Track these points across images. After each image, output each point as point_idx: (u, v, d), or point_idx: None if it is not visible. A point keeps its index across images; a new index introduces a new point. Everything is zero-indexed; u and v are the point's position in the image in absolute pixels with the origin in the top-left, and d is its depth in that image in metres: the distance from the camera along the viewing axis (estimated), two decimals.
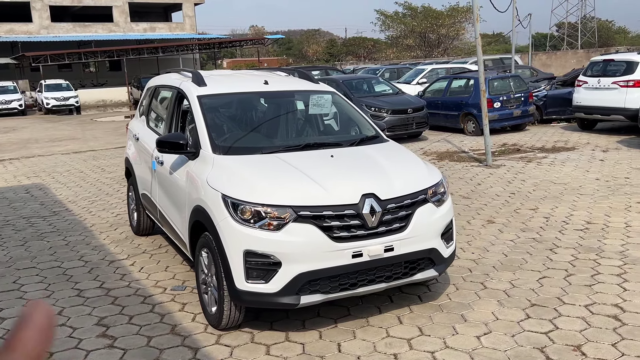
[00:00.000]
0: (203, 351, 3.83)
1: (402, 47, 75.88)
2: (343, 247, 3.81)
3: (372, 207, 3.90)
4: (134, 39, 43.54)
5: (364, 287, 3.98)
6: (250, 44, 43.28)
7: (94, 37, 42.68)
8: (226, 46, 43.54)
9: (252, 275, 3.75)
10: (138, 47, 37.41)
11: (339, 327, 4.16)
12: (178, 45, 38.31)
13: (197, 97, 4.90)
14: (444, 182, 4.52)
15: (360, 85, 15.02)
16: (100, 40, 42.10)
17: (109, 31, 45.18)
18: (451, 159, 11.29)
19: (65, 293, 4.91)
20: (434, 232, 4.21)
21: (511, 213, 7.10)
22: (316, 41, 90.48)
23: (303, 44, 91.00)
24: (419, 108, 13.79)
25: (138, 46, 38.36)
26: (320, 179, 3.97)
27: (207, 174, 4.17)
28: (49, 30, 43.74)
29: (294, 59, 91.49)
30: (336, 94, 5.52)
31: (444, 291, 4.77)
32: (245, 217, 3.76)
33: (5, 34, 42.28)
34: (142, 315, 4.43)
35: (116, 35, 43.65)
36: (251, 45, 43.39)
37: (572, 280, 4.89)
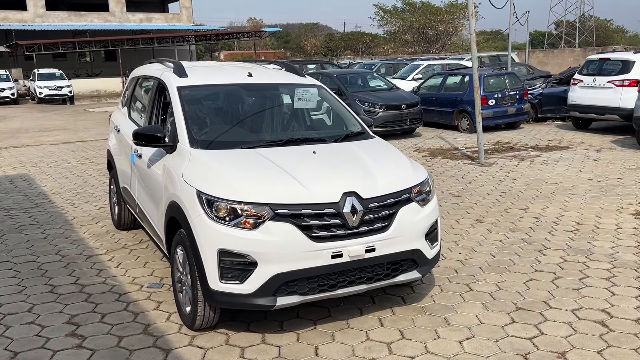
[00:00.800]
0: (175, 353, 3.69)
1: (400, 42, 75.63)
2: (322, 247, 3.67)
3: (353, 206, 3.76)
4: (130, 29, 43.19)
5: (344, 288, 3.84)
6: (247, 37, 43.00)
7: (90, 26, 42.30)
8: (222, 38, 43.24)
9: (226, 275, 3.61)
10: (133, 38, 37.10)
11: (318, 329, 4.02)
12: (174, 36, 38.01)
13: (176, 88, 4.74)
14: (430, 181, 4.38)
15: (354, 80, 14.86)
16: (95, 29, 41.73)
17: (105, 21, 44.79)
18: (444, 156, 11.15)
19: (38, 289, 4.76)
20: (418, 232, 4.07)
21: (501, 213, 6.97)
22: (314, 35, 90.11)
23: (301, 37, 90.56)
24: (413, 104, 13.65)
25: (133, 36, 38.05)
26: (300, 176, 3.82)
27: (183, 169, 4.02)
28: (43, 18, 43.32)
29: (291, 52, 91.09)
30: (322, 87, 5.37)
31: (429, 293, 4.64)
32: (220, 214, 3.61)
33: (0, 22, 41.85)
34: (115, 313, 4.28)
35: (112, 25, 43.28)
36: (248, 37, 43.11)
37: (559, 283, 4.77)
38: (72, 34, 42.06)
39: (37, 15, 43.21)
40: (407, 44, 71.19)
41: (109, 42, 35.02)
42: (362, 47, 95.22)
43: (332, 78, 14.31)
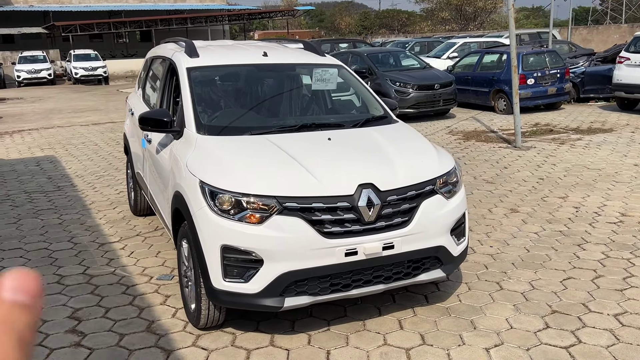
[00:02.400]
0: (176, 354, 3.45)
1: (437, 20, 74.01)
2: (335, 243, 3.35)
3: (369, 199, 3.42)
4: (164, 9, 43.25)
5: (359, 288, 3.53)
6: (279, 16, 42.50)
7: (125, 7, 42.50)
8: (255, 17, 42.84)
9: (230, 273, 3.33)
10: (167, 18, 37.07)
11: (332, 331, 3.72)
12: (207, 16, 37.82)
13: (186, 69, 4.44)
14: (457, 171, 4.00)
15: (386, 59, 14.35)
16: (130, 10, 41.94)
17: (140, 1, 44.91)
18: (478, 139, 10.64)
19: (45, 279, 4.58)
20: (443, 227, 3.71)
21: (538, 201, 6.51)
22: (349, 13, 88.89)
23: (335, 16, 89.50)
24: (446, 84, 13.09)
25: (167, 17, 38.04)
26: (312, 165, 3.49)
27: (188, 157, 3.73)
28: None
29: (325, 31, 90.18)
30: (343, 67, 5.00)
31: (455, 291, 4.28)
32: (224, 207, 3.32)
33: (38, 3, 42.39)
34: (119, 308, 4.07)
35: (146, 6, 43.37)
36: (281, 16, 42.60)
37: (601, 282, 4.34)
38: (108, 14, 42.35)
39: None
40: (444, 22, 69.57)
41: (142, 22, 35.05)
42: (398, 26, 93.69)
43: (363, 57, 13.85)
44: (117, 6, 42.35)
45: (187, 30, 41.69)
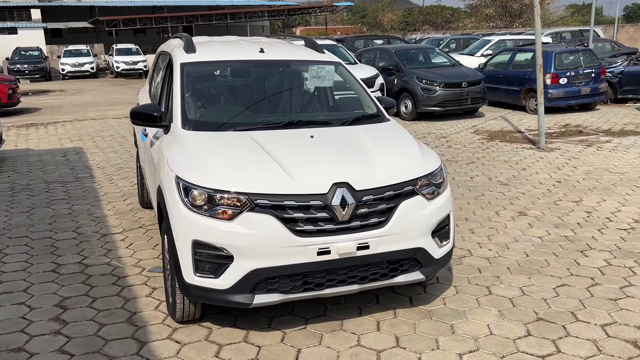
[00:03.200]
0: (150, 346, 3.50)
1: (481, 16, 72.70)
2: (307, 242, 3.33)
3: (343, 199, 3.38)
4: (206, 5, 43.86)
5: (333, 288, 3.50)
6: (318, 12, 42.54)
7: (167, 2, 43.30)
8: (295, 13, 43.00)
9: (201, 268, 3.35)
10: (207, 14, 37.56)
11: (308, 329, 3.71)
12: (246, 12, 38.15)
13: (180, 64, 4.49)
14: (443, 172, 3.92)
15: (415, 56, 14.18)
16: (172, 5, 42.69)
17: None
18: (502, 139, 10.40)
19: (42, 267, 4.72)
20: (422, 229, 3.64)
21: (549, 205, 6.32)
22: (391, 9, 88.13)
23: (377, 12, 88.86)
24: (475, 82, 12.84)
25: (207, 12, 38.55)
26: (288, 163, 3.48)
27: (170, 152, 3.78)
28: None
29: (367, 27, 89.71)
30: (341, 65, 4.95)
31: (442, 294, 4.20)
32: (196, 203, 3.34)
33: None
34: (106, 298, 4.15)
35: (188, 1, 44.10)
36: (319, 12, 42.64)
37: (596, 291, 4.19)
38: (152, 10, 43.25)
39: None
40: (489, 18, 68.25)
41: (183, 17, 35.63)
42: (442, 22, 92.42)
43: (390, 54, 13.72)
44: (160, 2, 43.19)
45: (228, 25, 42.20)
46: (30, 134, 12.43)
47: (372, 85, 11.70)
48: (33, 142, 11.38)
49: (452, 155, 9.14)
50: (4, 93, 15.55)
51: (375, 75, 11.91)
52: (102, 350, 3.44)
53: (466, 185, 7.23)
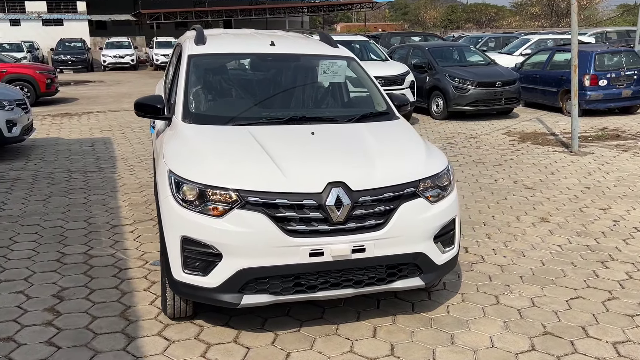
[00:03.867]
0: (137, 342, 3.44)
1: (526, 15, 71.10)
2: (299, 242, 3.20)
3: (338, 199, 3.24)
4: (247, 0, 44.08)
5: (326, 291, 3.37)
6: (357, 8, 42.25)
7: None
8: (333, 9, 42.83)
9: (190, 265, 3.26)
10: (247, 8, 37.75)
11: (302, 332, 3.59)
12: (285, 7, 38.18)
13: (187, 56, 4.43)
14: (449, 174, 3.73)
15: (448, 53, 13.85)
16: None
17: None
18: (534, 141, 10.04)
19: (47, 256, 4.74)
20: (423, 233, 3.47)
21: (574, 211, 6.03)
22: (434, 6, 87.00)
23: (420, 9, 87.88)
24: (509, 81, 12.45)
25: (247, 7, 38.74)
26: (283, 160, 3.36)
27: (169, 145, 3.71)
28: None
29: (409, 24, 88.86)
30: (354, 60, 4.79)
31: (446, 301, 4.02)
32: (187, 198, 3.25)
33: None
34: (104, 290, 4.12)
35: None
36: (359, 8, 42.35)
37: (612, 305, 3.94)
38: (193, 3, 43.74)
39: None
40: (534, 17, 66.67)
41: (223, 12, 35.89)
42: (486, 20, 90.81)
43: (423, 51, 13.43)
44: None
45: (267, 20, 42.34)
46: (64, 123, 12.66)
47: (402, 83, 11.46)
48: (65, 132, 11.58)
49: (479, 156, 8.86)
50: (43, 83, 15.91)
51: (405, 72, 11.67)
52: (89, 344, 3.40)
53: (489, 188, 6.98)
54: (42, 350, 3.32)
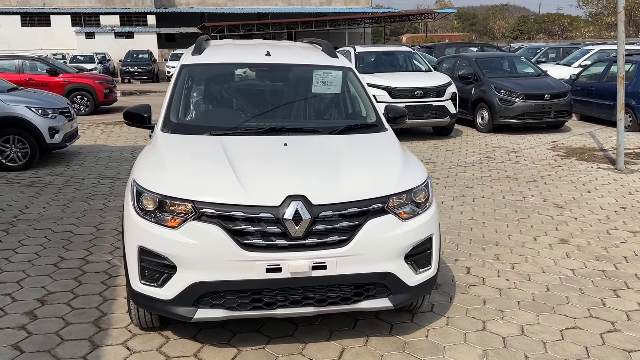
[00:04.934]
0: (100, 351, 3.43)
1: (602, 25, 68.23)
2: (255, 257, 3.11)
3: (297, 213, 3.12)
4: (309, 12, 44.57)
5: (285, 308, 3.24)
6: (418, 18, 41.76)
7: (272, 9, 44.53)
8: (394, 20, 42.54)
9: (146, 276, 3.23)
10: (307, 20, 38.14)
11: (266, 350, 3.47)
12: (345, 19, 38.30)
13: (180, 66, 4.45)
14: (427, 190, 3.53)
15: (497, 64, 13.40)
16: (277, 12, 43.80)
17: (288, 4, 46.78)
18: (580, 157, 9.50)
19: (46, 260, 4.85)
20: (392, 252, 3.29)
21: (600, 233, 5.61)
22: (503, 17, 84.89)
23: (488, 19, 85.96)
24: (560, 94, 11.88)
25: (308, 19, 39.14)
26: (244, 172, 3.28)
27: (141, 154, 3.71)
28: (234, 2, 46.61)
29: (477, 35, 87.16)
30: (350, 71, 4.66)
31: (428, 324, 3.80)
32: (145, 208, 3.23)
33: (197, 6, 45.97)
34: (87, 296, 4.17)
35: (292, 8, 45.03)
36: (420, 19, 41.86)
37: (610, 338, 3.59)
38: (257, 16, 44.66)
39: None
40: (610, 27, 63.82)
41: (284, 24, 36.42)
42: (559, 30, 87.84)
43: (470, 62, 13.05)
44: (265, 8, 44.49)
45: (329, 32, 42.60)
46: (114, 131, 13.12)
47: (442, 95, 11.14)
48: (112, 139, 12.00)
49: (514, 171, 8.45)
50: (101, 92, 16.62)
51: (447, 83, 11.34)
52: (52, 350, 3.43)
53: (514, 206, 6.62)
54: (5, 354, 3.37)
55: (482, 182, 7.80)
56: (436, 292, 4.29)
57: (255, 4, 46.32)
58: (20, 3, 42.07)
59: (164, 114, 4.03)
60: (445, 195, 7.15)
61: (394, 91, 10.96)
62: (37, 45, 39.26)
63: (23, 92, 9.66)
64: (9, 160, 8.73)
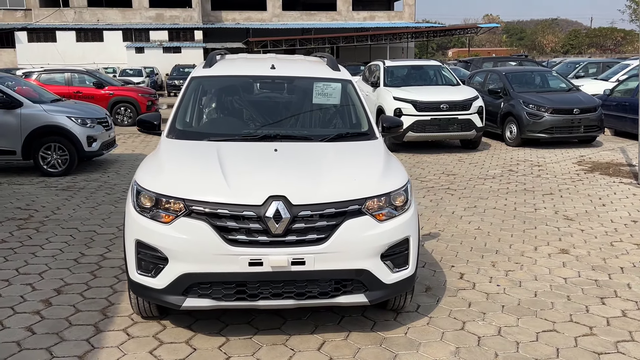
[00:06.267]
0: (102, 335, 3.78)
1: None
2: (238, 252, 3.39)
3: (277, 212, 3.40)
4: (352, 27, 45.07)
5: (267, 300, 3.51)
6: (461, 33, 41.63)
7: (317, 25, 45.23)
8: (436, 35, 42.53)
9: (142, 267, 3.56)
10: (349, 35, 38.59)
11: (253, 340, 3.74)
12: (388, 33, 38.55)
13: (190, 77, 4.81)
14: (406, 194, 3.75)
15: (528, 79, 13.39)
16: (320, 28, 44.47)
17: (332, 19, 47.46)
18: (604, 172, 9.44)
19: (68, 256, 5.27)
20: (368, 251, 3.52)
21: (602, 245, 5.66)
22: (552, 31, 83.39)
23: (537, 34, 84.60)
24: (589, 109, 11.79)
25: (349, 34, 39.58)
26: (232, 174, 3.58)
27: (145, 159, 4.07)
28: (279, 18, 47.63)
29: (525, 49, 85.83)
30: (350, 83, 4.92)
31: (410, 323, 3.99)
32: (143, 205, 3.57)
33: (243, 21, 47.17)
34: (99, 288, 4.54)
35: (336, 24, 45.67)
36: (463, 34, 41.72)
37: (584, 341, 3.71)
38: (301, 32, 45.45)
39: (274, 15, 47.67)
40: None
41: (326, 39, 36.96)
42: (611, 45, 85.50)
43: (500, 76, 13.09)
44: (309, 24, 45.25)
45: (371, 47, 42.93)
46: (152, 141, 13.70)
47: (468, 108, 11.23)
48: (149, 149, 12.55)
49: (533, 184, 8.50)
50: (144, 104, 17.37)
51: (473, 98, 11.43)
52: (60, 333, 3.79)
53: (524, 217, 6.71)
54: (18, 334, 3.76)
55: (498, 194, 7.89)
56: (425, 294, 4.48)
57: (299, 19, 47.21)
58: (75, 19, 44.18)
59: (170, 121, 4.39)
60: (458, 205, 7.28)
61: (420, 104, 11.14)
62: (90, 60, 41.12)
63: (64, 103, 10.31)
64: (50, 167, 9.33)
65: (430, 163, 10.42)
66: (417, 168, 9.93)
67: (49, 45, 42.93)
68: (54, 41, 43.28)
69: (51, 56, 41.48)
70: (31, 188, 8.26)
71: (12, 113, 9.15)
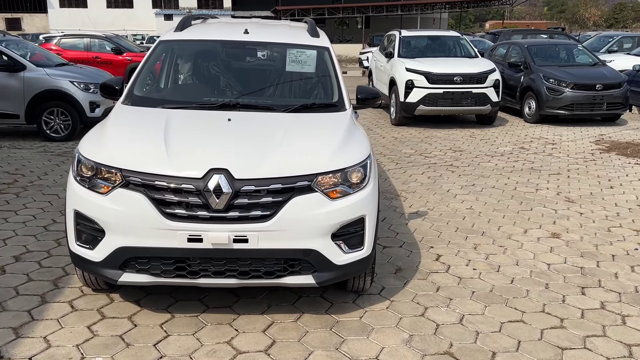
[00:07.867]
0: (45, 306, 3.66)
1: None
2: (177, 227, 3.20)
3: (218, 186, 3.19)
4: None
5: (208, 278, 3.33)
6: (497, 4, 40.23)
7: None
8: (469, 6, 41.19)
9: (81, 238, 3.41)
10: (380, 5, 37.70)
11: (199, 318, 3.58)
12: (419, 3, 37.53)
13: (158, 41, 4.60)
14: (364, 171, 3.49)
15: (551, 52, 12.76)
16: None
17: None
18: (622, 152, 8.94)
19: (39, 222, 5.15)
20: (317, 230, 3.29)
21: (598, 230, 5.31)
22: (595, 4, 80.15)
23: (579, 7, 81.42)
24: (613, 85, 11.18)
25: (380, 3, 38.67)
26: (175, 144, 3.37)
27: (95, 125, 3.90)
28: None
29: (567, 22, 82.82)
30: (327, 50, 4.63)
31: (369, 306, 3.77)
32: (82, 174, 3.40)
33: None
34: (59, 257, 4.41)
35: None
36: (498, 5, 40.32)
37: (550, 335, 3.44)
38: (331, 1, 44.58)
39: None
40: None
41: (355, 8, 36.20)
42: None
43: (522, 48, 12.50)
44: None
45: (402, 17, 41.91)
46: None
47: (483, 82, 10.75)
48: None
49: (542, 164, 8.09)
50: None
51: (489, 70, 10.91)
52: (4, 303, 3.69)
53: (522, 198, 6.37)
54: None
55: (501, 173, 7.53)
56: (394, 276, 4.25)
57: None
58: None
59: (128, 87, 4.20)
60: (455, 183, 6.97)
61: (433, 76, 10.71)
62: (120, 26, 41.24)
63: (69, 67, 10.22)
64: (52, 131, 9.31)
65: (440, 138, 10.05)
66: (425, 143, 9.58)
67: (80, 10, 43.20)
68: (85, 7, 43.51)
69: (82, 22, 41.74)
70: (28, 153, 8.24)
71: (16, 76, 9.11)
